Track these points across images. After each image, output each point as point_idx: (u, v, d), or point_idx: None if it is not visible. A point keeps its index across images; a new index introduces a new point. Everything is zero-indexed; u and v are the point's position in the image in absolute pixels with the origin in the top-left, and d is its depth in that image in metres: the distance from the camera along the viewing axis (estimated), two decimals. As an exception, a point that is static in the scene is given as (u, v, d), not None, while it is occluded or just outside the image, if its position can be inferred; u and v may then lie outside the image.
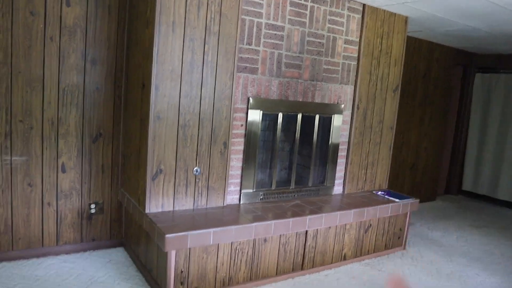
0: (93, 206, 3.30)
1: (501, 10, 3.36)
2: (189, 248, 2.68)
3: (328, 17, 3.46)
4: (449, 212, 5.35)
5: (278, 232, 3.02)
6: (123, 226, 3.47)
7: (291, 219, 3.05)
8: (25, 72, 2.90)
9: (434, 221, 4.91)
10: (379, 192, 3.98)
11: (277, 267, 3.14)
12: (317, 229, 3.30)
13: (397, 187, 5.22)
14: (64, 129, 3.10)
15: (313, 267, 3.33)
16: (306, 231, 3.24)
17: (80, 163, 3.20)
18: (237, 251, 2.92)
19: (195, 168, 2.99)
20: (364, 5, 3.64)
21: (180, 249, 2.63)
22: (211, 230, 2.69)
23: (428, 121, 5.52)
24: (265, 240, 3.04)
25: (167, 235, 2.51)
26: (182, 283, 2.70)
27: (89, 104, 3.17)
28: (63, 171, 3.14)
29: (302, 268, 3.27)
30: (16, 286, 2.72)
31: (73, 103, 3.10)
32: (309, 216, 3.15)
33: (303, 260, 3.27)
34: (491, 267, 3.71)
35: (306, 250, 3.27)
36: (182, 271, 2.69)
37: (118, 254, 3.33)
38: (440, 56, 5.42)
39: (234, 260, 2.92)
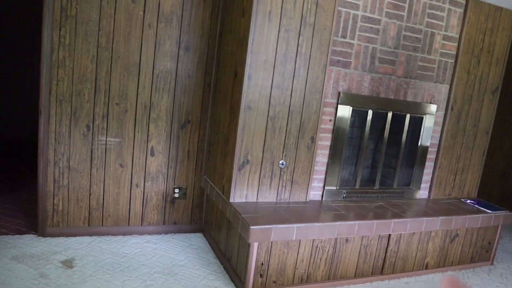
0: (177, 190, 3.39)
1: None
2: (271, 242, 2.66)
3: (428, 10, 3.25)
4: (541, 228, 4.89)
5: (361, 233, 2.91)
6: (203, 212, 3.53)
7: (375, 221, 2.93)
8: (124, 57, 3.02)
9: (525, 236, 4.51)
10: (468, 201, 3.71)
11: (356, 269, 3.04)
12: (401, 234, 3.14)
13: (484, 196, 4.85)
14: (155, 114, 3.19)
15: (393, 272, 3.19)
16: (389, 235, 3.10)
17: (168, 148, 3.29)
18: (318, 248, 2.85)
19: (281, 161, 2.96)
20: (468, -2, 3.37)
21: (262, 242, 2.61)
22: (295, 225, 2.65)
23: (524, 127, 5.07)
24: (346, 240, 2.94)
25: (251, 227, 2.50)
26: (261, 275, 2.69)
27: (180, 91, 3.23)
28: (152, 154, 3.25)
29: (381, 273, 3.14)
30: (106, 259, 2.86)
31: (165, 89, 3.18)
32: (393, 220, 3.00)
33: (383, 265, 3.14)
34: None
35: (388, 254, 3.13)
36: (262, 264, 2.68)
37: (198, 240, 3.40)
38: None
39: (314, 257, 2.86)
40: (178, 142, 3.32)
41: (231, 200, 2.87)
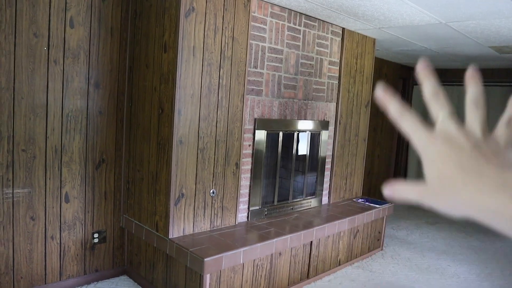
0: (96, 235, 3.15)
1: (459, 36, 3.89)
2: (220, 269, 2.72)
3: (317, 40, 3.71)
4: (402, 213, 5.91)
5: (292, 245, 3.17)
6: (125, 253, 3.35)
7: (302, 232, 3.22)
8: (28, 97, 2.71)
9: (395, 222, 5.41)
10: (359, 200, 4.32)
11: (288, 278, 3.29)
12: (319, 239, 3.51)
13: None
14: (67, 156, 2.93)
15: (316, 274, 3.53)
16: (311, 242, 3.43)
17: (84, 192, 3.05)
18: (258, 267, 3.01)
19: (212, 190, 3.03)
20: (343, 29, 3.96)
21: (214, 271, 2.66)
22: (241, 249, 2.76)
23: (380, 131, 6.07)
24: (280, 254, 3.17)
25: (206, 259, 2.53)
26: (213, 305, 2.73)
27: (92, 130, 3.03)
28: (67, 201, 2.97)
29: (308, 277, 3.46)
30: (34, 329, 2.53)
31: (76, 129, 2.95)
32: (315, 228, 3.35)
33: (308, 269, 3.46)
34: (457, 258, 4.24)
35: (311, 259, 3.46)
36: (214, 293, 2.72)
37: (125, 282, 3.22)
38: (388, 71, 6.00)
39: (256, 276, 3.00)
40: (94, 184, 3.10)
41: (170, 236, 2.82)
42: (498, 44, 4.19)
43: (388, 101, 0.48)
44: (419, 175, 6.69)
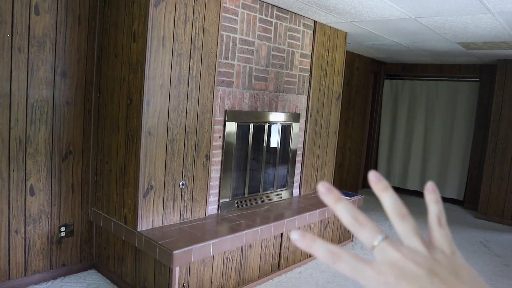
0: (63, 228, 3.08)
1: (428, 31, 3.97)
2: (190, 262, 2.71)
3: (288, 32, 3.71)
4: (372, 205, 6.02)
5: (263, 237, 3.19)
6: (94, 247, 3.29)
7: (272, 224, 3.24)
8: (-10, 87, 2.61)
9: (365, 213, 5.48)
10: (330, 191, 4.37)
11: (259, 271, 3.31)
12: (290, 231, 3.53)
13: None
14: (33, 148, 2.85)
15: (287, 266, 3.56)
16: (282, 234, 3.46)
17: (50, 184, 2.97)
18: (228, 259, 3.01)
19: (181, 182, 3.01)
20: (315, 22, 3.97)
21: (183, 264, 2.64)
22: (211, 241, 2.76)
23: (351, 123, 6.15)
24: (250, 246, 3.18)
25: (175, 252, 2.51)
26: (183, 298, 2.72)
27: (58, 120, 2.95)
28: (32, 193, 2.89)
29: (278, 269, 3.49)
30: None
31: (42, 119, 2.87)
32: (286, 220, 3.37)
33: (279, 261, 3.49)
34: (424, 248, 4.36)
35: (282, 251, 3.49)
36: (183, 286, 2.71)
37: (93, 277, 3.17)
38: (359, 65, 6.07)
39: (226, 268, 3.01)
40: (61, 176, 3.03)
41: (139, 229, 2.79)
42: (465, 40, 4.30)
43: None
44: (389, 167, 6.84)
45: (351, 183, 6.40)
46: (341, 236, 4.26)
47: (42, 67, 2.82)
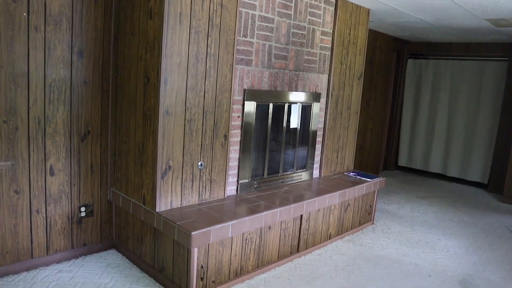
0: (83, 209, 3.09)
1: (456, 7, 3.78)
2: (209, 243, 2.68)
3: (309, 9, 3.59)
4: (394, 187, 5.92)
5: (282, 218, 3.14)
6: (113, 227, 3.30)
7: (292, 205, 3.19)
8: (8, 66, 2.59)
9: (386, 196, 5.41)
10: (350, 173, 4.29)
11: (278, 252, 3.27)
12: (310, 212, 3.48)
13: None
14: (51, 128, 2.84)
15: (306, 248, 3.52)
16: (301, 215, 3.41)
17: (69, 164, 2.97)
18: (247, 241, 2.98)
19: (200, 162, 2.97)
20: (337, -3, 3.83)
21: (202, 245, 2.62)
22: (230, 223, 2.72)
23: (373, 104, 6.00)
24: (269, 227, 3.14)
25: (193, 233, 2.49)
26: (202, 279, 2.70)
27: (76, 100, 2.93)
28: (52, 174, 2.89)
29: (298, 250, 3.44)
30: (20, 303, 2.50)
31: (60, 99, 2.85)
32: (305, 201, 3.31)
33: (298, 243, 3.44)
34: (447, 231, 4.26)
35: (301, 233, 3.44)
36: (202, 267, 2.69)
37: (114, 257, 3.18)
38: (382, 44, 5.89)
39: (245, 250, 2.98)
40: (80, 156, 3.02)
41: (157, 210, 2.77)
42: (495, 16, 4.09)
43: None
44: (411, 149, 6.68)
45: (372, 165, 6.28)
46: (361, 218, 4.19)
47: (59, 46, 2.78)
